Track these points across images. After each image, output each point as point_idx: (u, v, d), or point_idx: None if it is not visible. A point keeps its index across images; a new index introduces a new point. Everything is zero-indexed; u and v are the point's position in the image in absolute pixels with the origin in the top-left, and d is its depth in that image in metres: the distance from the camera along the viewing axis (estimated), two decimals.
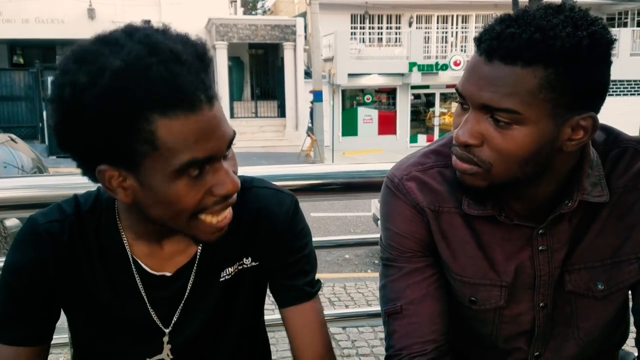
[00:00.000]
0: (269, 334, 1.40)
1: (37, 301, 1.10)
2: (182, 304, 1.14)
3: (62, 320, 1.19)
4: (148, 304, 1.12)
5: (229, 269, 1.17)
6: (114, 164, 0.95)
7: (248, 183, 1.22)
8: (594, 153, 1.18)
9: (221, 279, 1.16)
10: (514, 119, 1.02)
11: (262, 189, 1.23)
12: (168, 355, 1.15)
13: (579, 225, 1.19)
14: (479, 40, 1.05)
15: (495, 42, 1.00)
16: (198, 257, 1.15)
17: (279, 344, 4.11)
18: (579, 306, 1.24)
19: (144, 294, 1.12)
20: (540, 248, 1.20)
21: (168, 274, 1.13)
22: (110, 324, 1.13)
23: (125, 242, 1.11)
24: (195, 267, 1.14)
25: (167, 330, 1.14)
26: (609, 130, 1.23)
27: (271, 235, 1.19)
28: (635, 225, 1.19)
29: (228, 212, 1.04)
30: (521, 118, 1.01)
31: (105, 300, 1.11)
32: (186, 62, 0.90)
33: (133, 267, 1.11)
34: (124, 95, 0.87)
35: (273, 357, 1.40)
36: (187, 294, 1.14)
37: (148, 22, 0.97)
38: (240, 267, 1.19)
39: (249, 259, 1.19)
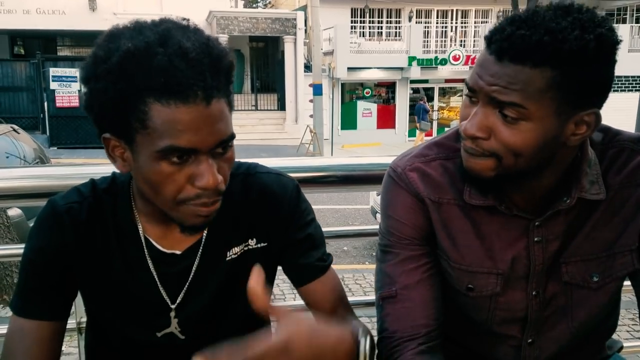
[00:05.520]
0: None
1: (57, 278, 1.17)
2: (189, 281, 1.21)
3: None
4: (157, 280, 1.19)
5: (235, 249, 1.24)
6: (117, 135, 1.05)
7: (252, 169, 1.29)
8: (592, 152, 1.22)
9: (227, 259, 1.23)
10: (522, 114, 1.06)
11: (265, 174, 1.29)
12: (176, 328, 1.22)
13: (574, 220, 1.24)
14: (489, 40, 1.08)
15: (506, 44, 1.04)
16: (205, 236, 1.22)
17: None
18: (575, 297, 1.29)
19: (153, 270, 1.19)
20: (535, 239, 1.25)
21: (178, 252, 1.20)
22: (122, 299, 1.20)
23: (138, 222, 1.19)
24: (201, 246, 1.21)
25: (173, 306, 1.21)
26: (606, 130, 1.27)
27: (277, 217, 1.26)
28: (630, 219, 1.23)
29: (213, 205, 1.09)
30: (528, 114, 1.05)
31: (119, 277, 1.18)
32: (192, 60, 0.97)
33: (144, 245, 1.19)
34: (126, 75, 0.96)
35: None
36: (193, 271, 1.21)
37: (187, 20, 1.06)
38: (246, 248, 1.25)
39: (254, 240, 1.26)
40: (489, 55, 1.07)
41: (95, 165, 1.69)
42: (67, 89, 17.26)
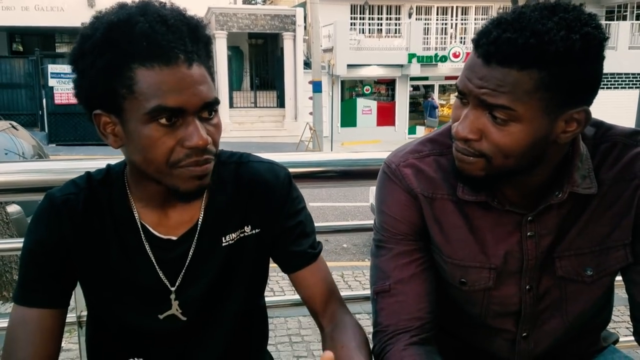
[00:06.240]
0: (268, 319, 1.45)
1: (57, 267, 1.20)
2: (186, 265, 1.24)
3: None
4: (156, 265, 1.22)
5: (232, 234, 1.27)
6: (106, 109, 1.09)
7: (245, 157, 1.34)
8: (583, 147, 1.23)
9: (224, 244, 1.26)
10: (511, 116, 1.07)
11: (258, 162, 1.34)
12: (177, 310, 1.24)
13: (568, 215, 1.25)
14: (476, 43, 1.09)
15: (493, 47, 1.05)
16: (200, 223, 1.25)
17: (277, 329, 4.16)
18: (569, 291, 1.30)
19: (151, 255, 1.22)
20: (528, 234, 1.26)
21: (174, 237, 1.23)
22: (122, 286, 1.22)
23: (134, 209, 1.22)
24: (197, 232, 1.24)
25: (172, 289, 1.24)
26: (599, 125, 1.28)
27: (269, 204, 1.30)
28: (623, 214, 1.24)
29: (205, 164, 1.13)
30: (517, 115, 1.06)
31: (118, 264, 1.22)
32: (172, 26, 1.05)
33: (141, 231, 1.22)
34: (111, 45, 1.03)
35: (271, 342, 1.45)
36: (190, 256, 1.24)
37: (163, 3, 1.11)
38: (242, 235, 1.28)
39: (249, 226, 1.29)
40: (477, 58, 1.08)
41: (93, 160, 1.69)
42: (66, 85, 17.23)
